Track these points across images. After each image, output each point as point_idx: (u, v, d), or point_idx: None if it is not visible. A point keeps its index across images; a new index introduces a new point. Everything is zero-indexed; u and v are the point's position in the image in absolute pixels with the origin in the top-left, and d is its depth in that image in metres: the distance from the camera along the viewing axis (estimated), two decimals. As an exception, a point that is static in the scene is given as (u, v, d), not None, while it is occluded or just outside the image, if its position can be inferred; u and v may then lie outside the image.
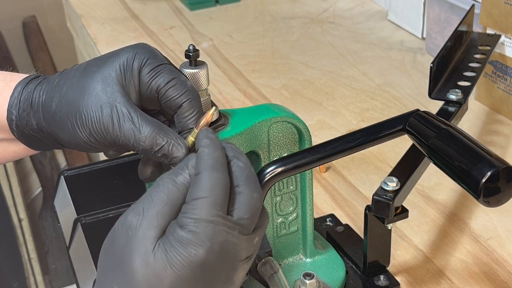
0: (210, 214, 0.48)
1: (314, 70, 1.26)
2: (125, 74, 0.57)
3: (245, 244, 0.50)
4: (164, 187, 0.50)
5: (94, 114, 0.56)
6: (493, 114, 1.07)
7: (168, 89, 0.57)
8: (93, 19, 1.54)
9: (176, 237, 0.48)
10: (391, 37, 1.38)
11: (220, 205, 0.49)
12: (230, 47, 1.37)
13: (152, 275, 0.47)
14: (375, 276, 0.72)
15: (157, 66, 0.58)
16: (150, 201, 0.49)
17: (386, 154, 0.97)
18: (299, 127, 0.66)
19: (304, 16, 1.51)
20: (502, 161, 0.52)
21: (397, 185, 0.65)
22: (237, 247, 0.49)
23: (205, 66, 0.60)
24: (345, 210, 0.87)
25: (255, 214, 0.51)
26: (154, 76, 0.57)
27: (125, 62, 0.58)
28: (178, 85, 0.57)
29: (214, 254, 0.48)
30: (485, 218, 0.84)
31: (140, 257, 0.48)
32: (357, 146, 0.61)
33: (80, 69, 0.59)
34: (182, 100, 0.57)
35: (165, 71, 0.57)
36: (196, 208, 0.48)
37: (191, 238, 0.48)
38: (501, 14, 1.00)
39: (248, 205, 0.50)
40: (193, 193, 0.49)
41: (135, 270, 0.48)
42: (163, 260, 0.47)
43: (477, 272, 0.76)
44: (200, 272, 0.48)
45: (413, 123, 0.60)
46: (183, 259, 0.47)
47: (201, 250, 0.47)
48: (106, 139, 0.56)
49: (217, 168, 0.50)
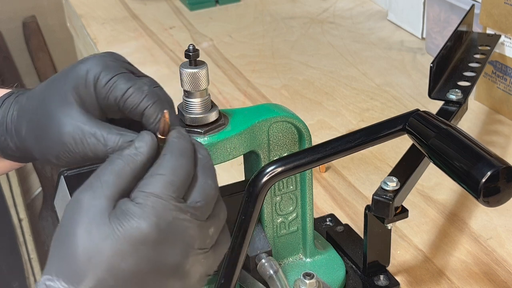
0: (162, 192, 0.47)
1: (314, 70, 1.26)
2: (80, 93, 0.56)
3: (197, 231, 0.49)
4: (110, 160, 0.49)
5: (57, 138, 0.56)
6: (493, 114, 1.07)
7: (126, 100, 0.56)
8: (93, 19, 1.54)
9: (123, 209, 0.47)
10: (391, 37, 1.38)
11: (177, 186, 0.48)
12: (230, 47, 1.37)
13: (92, 247, 0.46)
14: (375, 276, 0.72)
15: (111, 78, 0.56)
16: (96, 174, 0.49)
17: (386, 154, 0.97)
18: (299, 127, 0.66)
19: (304, 16, 1.51)
20: (502, 161, 0.52)
21: (397, 185, 0.65)
22: (188, 232, 0.48)
23: (205, 66, 0.60)
24: (345, 210, 0.87)
25: (208, 201, 0.50)
26: (110, 90, 0.56)
27: (79, 80, 0.56)
28: (135, 93, 0.56)
29: (159, 232, 0.46)
30: (485, 218, 0.84)
31: (83, 227, 0.46)
32: (357, 146, 0.61)
33: (42, 90, 0.59)
34: (143, 108, 0.56)
35: (120, 82, 0.56)
36: (150, 184, 0.48)
37: (137, 210, 0.46)
38: (501, 14, 1.00)
39: (201, 190, 0.49)
40: (153, 170, 0.48)
41: (76, 241, 0.46)
42: (105, 231, 0.46)
43: (477, 272, 0.76)
44: (142, 248, 0.46)
45: (413, 123, 0.60)
46: (125, 231, 0.46)
47: (144, 224, 0.46)
48: (76, 158, 0.56)
49: (182, 154, 0.49)
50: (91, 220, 0.46)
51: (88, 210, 0.47)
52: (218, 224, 0.51)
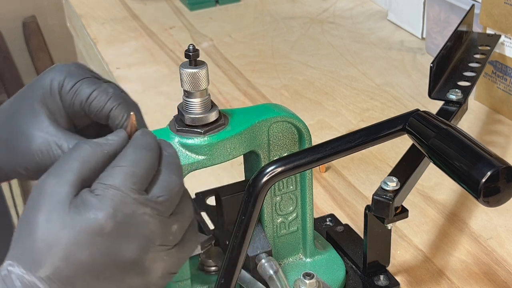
0: (122, 183, 0.47)
1: (314, 70, 1.26)
2: (47, 102, 0.57)
3: (158, 227, 0.48)
4: (78, 146, 0.49)
5: (26, 150, 0.56)
6: (493, 114, 1.07)
7: (91, 103, 0.56)
8: (93, 19, 1.54)
9: (83, 199, 0.47)
10: (391, 37, 1.38)
11: (138, 179, 0.48)
12: (230, 47, 1.37)
13: (51, 235, 0.46)
14: (375, 276, 0.72)
15: (74, 84, 0.57)
16: (62, 158, 0.48)
17: (386, 154, 0.97)
18: (299, 127, 0.66)
19: (304, 16, 1.52)
20: (502, 161, 0.52)
21: (397, 185, 0.65)
22: (148, 226, 0.48)
23: (205, 66, 0.60)
24: (345, 210, 0.87)
25: (171, 196, 0.49)
26: (74, 95, 0.56)
27: (44, 89, 0.57)
28: (99, 96, 0.56)
29: (116, 224, 0.46)
30: (485, 218, 0.84)
31: (44, 215, 0.46)
32: (357, 146, 0.61)
33: (9, 105, 0.59)
34: (108, 109, 0.56)
35: (83, 86, 0.57)
36: (110, 175, 0.48)
37: (95, 201, 0.46)
38: (501, 14, 1.00)
39: (164, 185, 0.49)
40: (114, 162, 0.48)
41: (36, 229, 0.46)
42: (64, 220, 0.46)
43: (477, 272, 0.76)
44: (99, 240, 0.46)
45: (413, 123, 0.60)
46: (82, 221, 0.46)
47: (101, 215, 0.46)
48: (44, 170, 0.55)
49: (145, 148, 0.49)
50: (52, 208, 0.46)
51: (50, 197, 0.47)
52: (182, 222, 0.51)
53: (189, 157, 0.60)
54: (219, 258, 0.69)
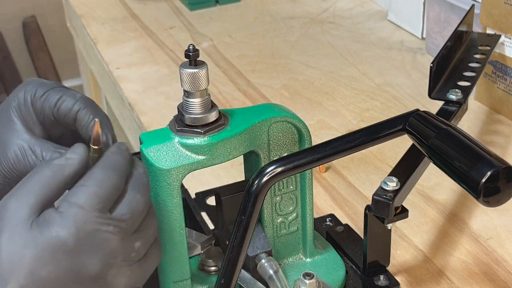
0: (86, 202, 0.49)
1: (314, 70, 1.26)
2: (22, 113, 0.60)
3: (120, 243, 0.50)
4: (38, 169, 0.51)
5: (3, 157, 0.58)
6: (493, 114, 1.07)
7: (59, 108, 0.59)
8: (93, 19, 1.54)
9: (46, 217, 0.48)
10: (391, 37, 1.38)
11: (101, 198, 0.49)
12: (230, 47, 1.37)
13: (14, 253, 0.47)
14: (375, 276, 0.72)
15: (44, 93, 0.60)
16: (23, 181, 0.50)
17: (386, 154, 0.97)
18: (299, 127, 0.66)
19: (304, 16, 1.52)
20: (502, 161, 0.52)
21: (397, 185, 0.65)
22: (110, 243, 0.49)
23: (205, 66, 0.60)
24: (345, 210, 0.87)
25: (135, 215, 0.51)
26: (44, 100, 0.60)
27: (19, 100, 0.60)
28: (67, 101, 0.59)
29: (78, 241, 0.48)
30: (485, 218, 0.84)
31: (6, 234, 0.48)
32: (357, 146, 0.61)
33: None
34: (75, 112, 0.59)
35: (53, 92, 0.60)
36: (75, 194, 0.49)
37: (58, 219, 0.48)
38: (501, 14, 1.00)
39: (128, 204, 0.51)
40: (80, 182, 0.50)
41: (0, 247, 0.48)
42: (26, 238, 0.47)
43: (477, 272, 0.76)
44: (61, 256, 0.48)
45: (413, 123, 0.60)
46: (44, 238, 0.47)
47: (63, 232, 0.48)
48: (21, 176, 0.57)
49: (113, 168, 0.51)
50: (14, 228, 0.48)
51: (11, 218, 0.48)
52: (146, 239, 0.53)
53: (189, 157, 0.60)
54: (219, 258, 0.69)
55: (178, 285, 0.65)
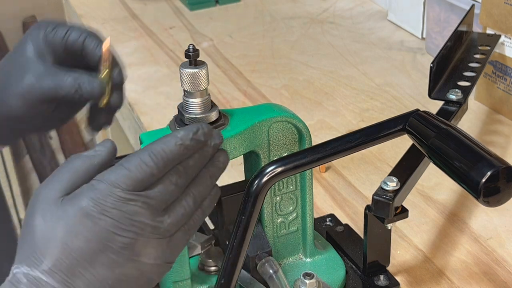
0: (116, 180, 0.51)
1: (314, 70, 1.26)
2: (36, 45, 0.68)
3: (148, 217, 0.52)
4: (70, 160, 0.54)
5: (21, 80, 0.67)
6: (493, 114, 1.07)
7: (67, 38, 0.68)
8: (93, 19, 1.54)
9: (77, 191, 0.51)
10: (391, 37, 1.38)
11: (133, 180, 0.51)
12: (230, 47, 1.37)
13: (48, 229, 0.50)
14: (375, 276, 0.72)
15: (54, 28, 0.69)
16: (55, 171, 0.53)
17: (386, 154, 0.97)
18: (299, 127, 0.66)
19: (304, 16, 1.52)
20: (502, 161, 0.52)
21: (397, 185, 0.65)
22: (137, 216, 0.51)
23: (205, 66, 0.60)
24: (345, 210, 0.87)
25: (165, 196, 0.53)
26: (55, 36, 0.68)
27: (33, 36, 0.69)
28: (74, 31, 0.68)
29: (106, 212, 0.50)
30: (485, 218, 0.84)
31: (39, 215, 0.50)
32: (357, 146, 0.61)
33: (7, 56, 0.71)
34: (82, 40, 0.68)
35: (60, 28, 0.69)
36: (109, 172, 0.52)
37: (87, 190, 0.51)
38: (501, 14, 1.00)
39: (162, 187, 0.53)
40: (120, 161, 0.52)
41: (35, 227, 0.50)
42: (57, 214, 0.50)
43: (477, 272, 0.76)
44: (91, 225, 0.50)
45: (413, 123, 0.60)
46: (74, 209, 0.50)
47: (90, 202, 0.50)
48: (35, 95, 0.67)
49: (155, 154, 0.52)
50: (45, 208, 0.51)
51: (42, 201, 0.51)
52: (177, 218, 0.54)
53: (189, 157, 0.60)
54: (219, 258, 0.69)
55: (178, 285, 0.65)
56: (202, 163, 0.57)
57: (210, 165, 0.57)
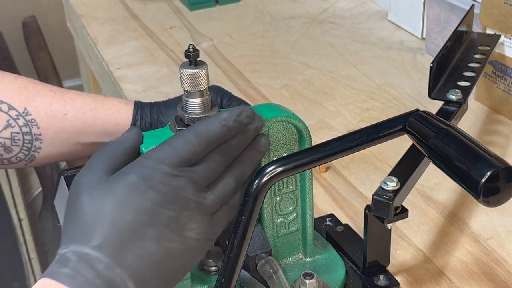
0: (162, 157, 0.52)
1: (314, 70, 1.26)
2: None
3: (192, 192, 0.53)
4: (104, 146, 0.56)
5: None
6: (493, 114, 1.07)
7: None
8: (93, 19, 1.54)
9: (122, 169, 0.53)
10: (391, 37, 1.38)
11: (178, 157, 0.53)
12: (230, 47, 1.37)
13: (96, 206, 0.51)
14: (375, 276, 0.72)
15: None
16: (92, 156, 0.56)
17: (386, 154, 0.97)
18: (299, 127, 0.66)
19: (304, 16, 1.51)
20: (502, 161, 0.52)
21: (397, 185, 0.65)
22: (181, 191, 0.53)
23: (205, 66, 0.60)
24: (345, 210, 0.87)
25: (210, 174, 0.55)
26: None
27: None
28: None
29: (151, 185, 0.52)
30: (485, 218, 0.84)
31: (86, 194, 0.52)
32: (357, 146, 0.61)
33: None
34: None
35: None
36: (156, 150, 0.54)
37: (133, 166, 0.53)
38: (501, 14, 1.00)
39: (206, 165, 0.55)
40: (168, 140, 0.55)
41: (82, 206, 0.51)
42: (105, 190, 0.51)
43: (477, 272, 0.76)
44: (138, 199, 0.51)
45: (413, 123, 0.60)
46: (121, 184, 0.51)
47: (136, 177, 0.52)
48: None
49: (200, 134, 0.54)
50: (91, 187, 0.52)
51: (86, 183, 0.52)
52: (219, 196, 0.56)
53: (189, 157, 0.60)
54: (219, 258, 0.69)
55: (178, 285, 0.65)
56: (243, 144, 0.58)
57: (251, 147, 0.59)
